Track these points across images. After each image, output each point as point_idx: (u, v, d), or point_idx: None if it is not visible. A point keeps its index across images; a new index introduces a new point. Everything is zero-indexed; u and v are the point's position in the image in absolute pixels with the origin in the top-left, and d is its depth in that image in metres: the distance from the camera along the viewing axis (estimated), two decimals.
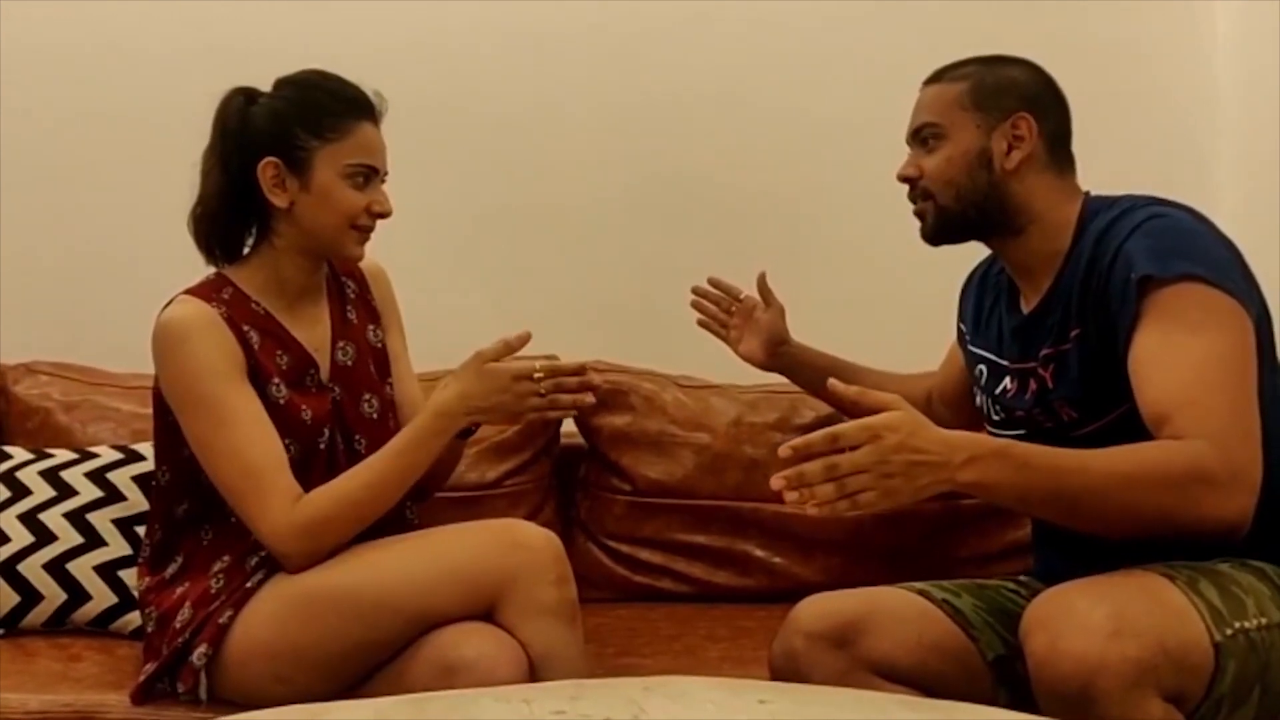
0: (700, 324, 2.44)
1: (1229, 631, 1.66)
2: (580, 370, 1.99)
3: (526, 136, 2.85)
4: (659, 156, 2.87)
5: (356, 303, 2.19)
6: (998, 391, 2.00)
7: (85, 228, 2.83)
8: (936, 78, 2.03)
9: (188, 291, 2.04)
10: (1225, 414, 1.72)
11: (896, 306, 2.78)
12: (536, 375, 1.95)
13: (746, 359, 2.41)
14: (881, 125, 2.13)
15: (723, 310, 2.43)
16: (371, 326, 2.20)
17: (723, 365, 2.53)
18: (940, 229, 2.00)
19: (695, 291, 2.43)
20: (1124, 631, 1.58)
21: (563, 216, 2.88)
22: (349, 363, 2.13)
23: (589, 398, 2.01)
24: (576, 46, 2.86)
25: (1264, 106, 2.67)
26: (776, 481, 1.60)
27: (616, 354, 2.67)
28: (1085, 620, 1.60)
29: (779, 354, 2.40)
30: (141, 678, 2.00)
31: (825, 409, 2.48)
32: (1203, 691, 1.65)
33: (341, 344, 2.13)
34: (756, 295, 2.41)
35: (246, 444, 1.95)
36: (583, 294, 2.85)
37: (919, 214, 2.02)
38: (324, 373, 2.10)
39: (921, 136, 2.00)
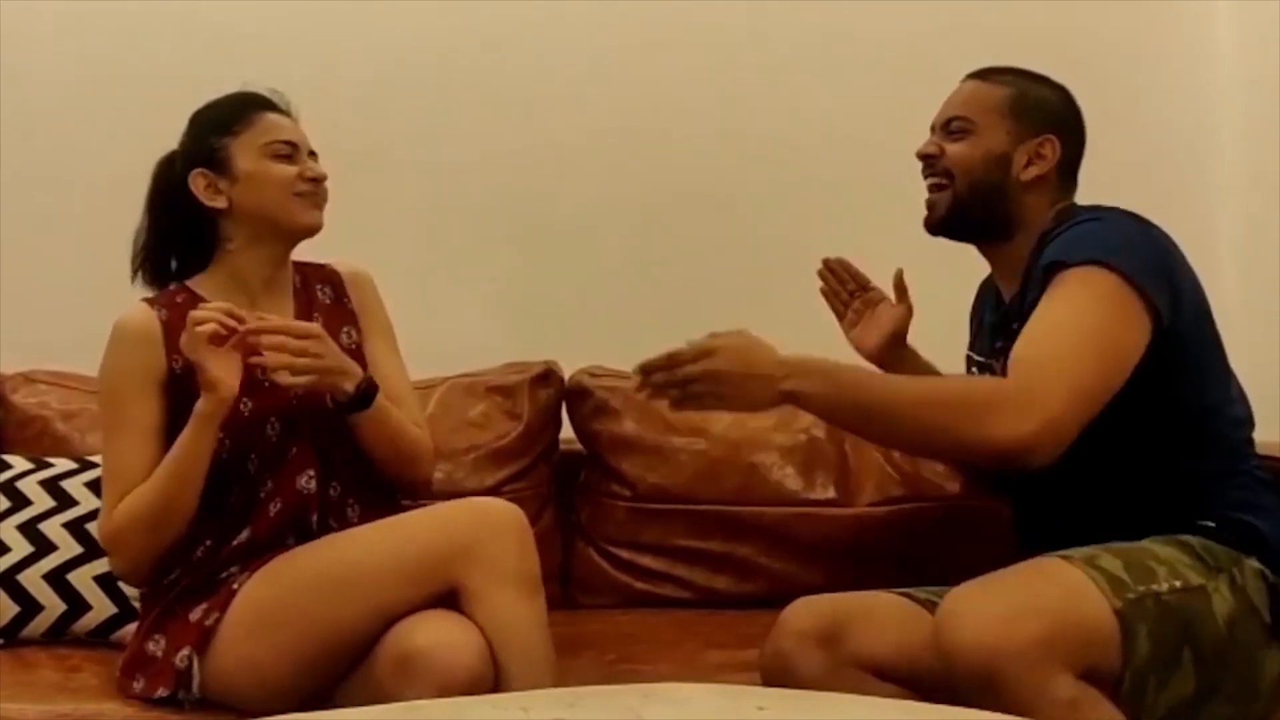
0: (822, 293, 2.35)
1: (1131, 597, 1.71)
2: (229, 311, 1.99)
3: (525, 141, 2.85)
4: (659, 162, 2.87)
5: (329, 308, 2.21)
6: None
7: (84, 236, 2.82)
8: (981, 76, 2.08)
9: (145, 299, 2.16)
10: (1054, 361, 1.79)
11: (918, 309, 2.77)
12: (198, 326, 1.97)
13: (855, 345, 2.33)
14: (886, 132, 2.13)
15: (846, 291, 2.35)
16: (346, 328, 2.21)
17: None
18: (949, 216, 2.05)
19: (826, 263, 2.35)
20: (1019, 614, 1.65)
21: (561, 223, 2.88)
22: None
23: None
24: (580, 49, 2.86)
25: (1265, 109, 2.67)
26: (632, 382, 1.84)
27: (615, 360, 2.66)
28: (980, 611, 1.67)
29: (892, 352, 2.31)
30: (125, 655, 2.08)
31: None
32: (1119, 661, 1.69)
33: None
34: (890, 290, 2.31)
35: (121, 450, 2.06)
36: (580, 300, 2.85)
37: (931, 202, 2.07)
38: None
39: (951, 128, 2.05)
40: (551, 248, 2.87)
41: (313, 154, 2.17)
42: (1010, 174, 2.02)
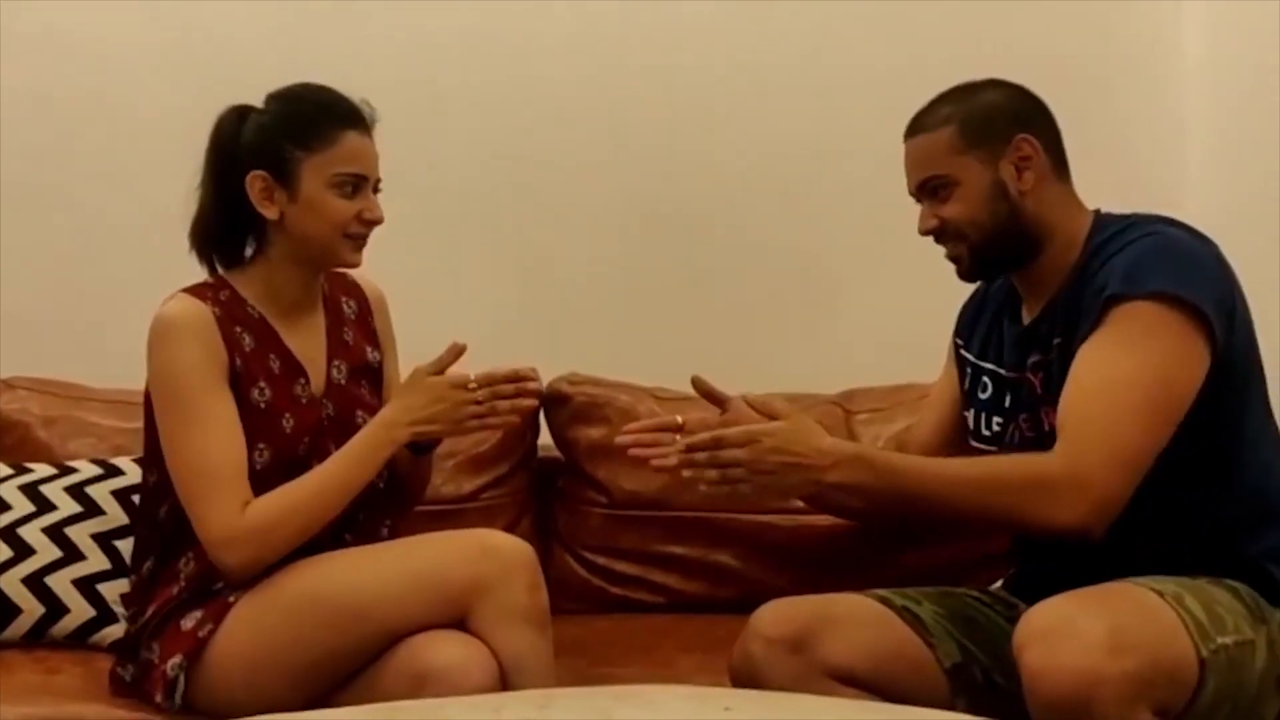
0: (655, 468, 1.95)
1: (1213, 647, 1.70)
2: (515, 376, 2.03)
3: (509, 148, 2.86)
4: (642, 171, 2.88)
5: (355, 324, 2.21)
6: (1006, 405, 2.00)
7: (64, 243, 2.83)
8: (918, 129, 1.98)
9: (186, 290, 2.07)
10: (1104, 432, 1.76)
11: (890, 318, 2.79)
12: (471, 385, 2.00)
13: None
14: (873, 145, 2.11)
15: (668, 443, 1.94)
16: (369, 347, 2.22)
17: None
18: (979, 267, 1.98)
19: (624, 446, 1.99)
20: (1122, 647, 1.61)
21: (540, 231, 2.89)
22: (342, 380, 2.15)
23: (527, 401, 2.06)
24: (571, 58, 2.87)
25: (1233, 121, 2.69)
26: (667, 460, 1.86)
27: (592, 366, 2.68)
28: (1084, 635, 1.62)
29: None
30: (112, 666, 2.08)
31: None
32: (1184, 706, 1.68)
33: (336, 362, 2.15)
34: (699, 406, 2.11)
35: (209, 446, 1.98)
36: (558, 305, 2.86)
37: (954, 258, 1.98)
38: (315, 386, 2.12)
39: (930, 189, 1.96)
40: (530, 256, 2.88)
41: (378, 183, 2.09)
42: (1011, 195, 1.93)
